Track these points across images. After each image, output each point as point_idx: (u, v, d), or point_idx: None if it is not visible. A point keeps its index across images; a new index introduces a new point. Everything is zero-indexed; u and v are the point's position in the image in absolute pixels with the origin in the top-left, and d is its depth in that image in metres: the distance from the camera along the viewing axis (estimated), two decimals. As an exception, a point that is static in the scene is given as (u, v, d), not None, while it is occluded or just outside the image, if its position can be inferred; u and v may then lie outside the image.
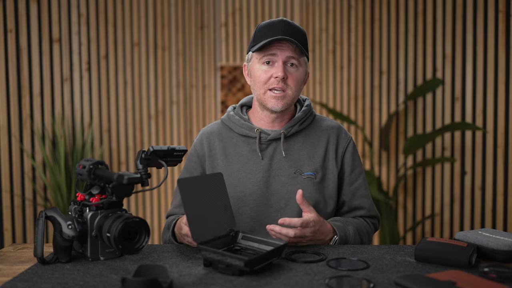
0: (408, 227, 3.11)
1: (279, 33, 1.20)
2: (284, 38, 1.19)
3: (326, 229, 1.15)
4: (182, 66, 3.11)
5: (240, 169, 1.28)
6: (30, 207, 3.00)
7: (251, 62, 1.28)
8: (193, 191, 0.99)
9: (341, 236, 1.17)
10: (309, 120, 1.33)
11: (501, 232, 1.04)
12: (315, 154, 1.29)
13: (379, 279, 0.87)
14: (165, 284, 0.81)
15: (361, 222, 1.28)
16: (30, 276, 0.90)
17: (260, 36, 1.24)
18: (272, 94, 1.23)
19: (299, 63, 1.24)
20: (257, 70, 1.25)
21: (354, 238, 1.20)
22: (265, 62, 1.24)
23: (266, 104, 1.25)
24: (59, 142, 2.90)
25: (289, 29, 1.21)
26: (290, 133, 1.29)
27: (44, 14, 2.98)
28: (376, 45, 3.10)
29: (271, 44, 1.22)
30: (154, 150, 1.00)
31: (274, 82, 1.22)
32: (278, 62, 1.22)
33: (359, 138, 3.15)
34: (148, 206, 3.13)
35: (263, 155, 1.28)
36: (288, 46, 1.22)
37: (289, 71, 1.23)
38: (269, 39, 1.20)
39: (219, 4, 3.10)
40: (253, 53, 1.27)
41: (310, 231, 1.10)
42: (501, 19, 2.91)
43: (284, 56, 1.22)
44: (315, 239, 1.13)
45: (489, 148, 2.97)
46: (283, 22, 1.22)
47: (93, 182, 0.99)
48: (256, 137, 1.28)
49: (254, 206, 1.25)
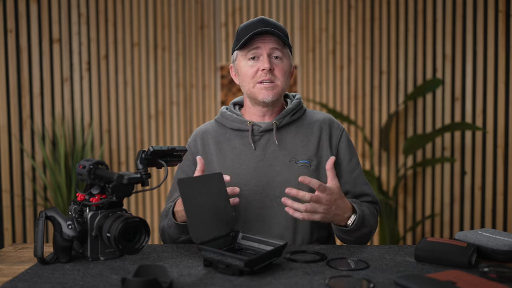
0: (408, 227, 3.11)
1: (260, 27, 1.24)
2: (265, 30, 1.23)
3: (345, 205, 1.13)
4: (182, 66, 3.11)
5: (233, 160, 1.29)
6: (30, 207, 3.00)
7: (237, 61, 1.32)
8: (193, 191, 0.99)
9: (359, 215, 1.14)
10: (300, 113, 1.35)
11: (501, 232, 1.04)
12: (308, 143, 1.30)
13: (379, 279, 0.87)
14: (165, 284, 0.81)
15: (369, 205, 1.28)
16: (30, 276, 0.90)
17: (242, 35, 1.27)
18: (262, 85, 1.26)
19: (283, 54, 1.28)
20: (244, 67, 1.29)
21: (368, 219, 1.18)
22: (251, 58, 1.27)
23: (257, 96, 1.28)
24: (59, 142, 2.90)
25: (268, 24, 1.26)
26: (282, 124, 1.31)
27: (44, 14, 2.98)
28: (376, 45, 3.10)
29: (254, 39, 1.25)
30: (154, 150, 1.00)
31: (261, 74, 1.26)
32: (263, 55, 1.25)
33: (359, 138, 3.15)
34: (148, 206, 3.13)
35: (256, 145, 1.30)
36: (270, 39, 1.25)
37: (274, 62, 1.27)
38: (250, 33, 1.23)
39: (219, 4, 3.10)
40: (238, 51, 1.30)
41: (326, 198, 1.06)
42: (501, 19, 2.91)
43: (268, 48, 1.25)
44: (332, 213, 1.09)
45: (489, 148, 2.97)
46: (262, 20, 1.27)
47: (93, 182, 0.99)
48: (249, 129, 1.30)
49: (249, 196, 1.25)
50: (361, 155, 3.15)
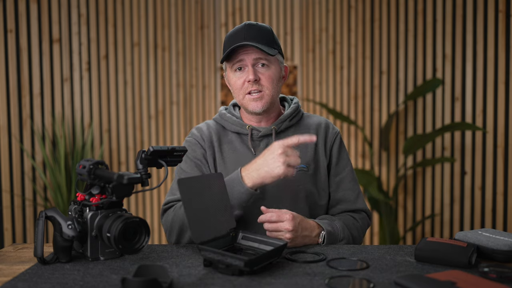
0: (408, 227, 3.11)
1: (241, 39, 1.24)
2: (244, 44, 1.22)
3: (309, 225, 1.14)
4: (182, 66, 3.11)
5: (234, 164, 1.29)
6: (30, 207, 3.00)
7: (226, 72, 1.33)
8: (193, 191, 0.99)
9: (328, 230, 1.16)
10: (297, 117, 1.37)
11: (501, 232, 1.04)
12: (306, 148, 1.31)
13: (379, 279, 0.87)
14: (165, 284, 0.81)
15: (347, 217, 1.28)
16: (30, 276, 0.90)
17: (226, 47, 1.27)
18: (251, 97, 1.27)
19: (269, 61, 1.27)
20: (232, 78, 1.30)
21: (343, 232, 1.20)
22: (237, 69, 1.28)
23: (247, 107, 1.29)
24: (59, 142, 2.90)
25: (251, 32, 1.25)
26: (281, 129, 1.33)
27: (44, 14, 2.98)
28: (376, 45, 3.10)
29: (237, 51, 1.25)
30: (154, 150, 1.00)
31: (248, 86, 1.26)
32: (248, 66, 1.26)
33: (359, 138, 3.15)
34: (148, 206, 3.13)
35: (256, 150, 1.30)
36: (253, 49, 1.25)
37: (260, 72, 1.26)
38: (231, 47, 1.23)
39: (219, 4, 3.10)
40: (225, 62, 1.31)
41: (288, 223, 1.08)
42: (501, 19, 2.91)
43: (251, 60, 1.25)
44: (301, 236, 1.11)
45: (489, 148, 2.97)
46: (245, 27, 1.26)
47: (93, 182, 0.99)
48: (248, 133, 1.31)
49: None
50: (361, 155, 3.15)
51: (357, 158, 3.15)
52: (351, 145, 3.15)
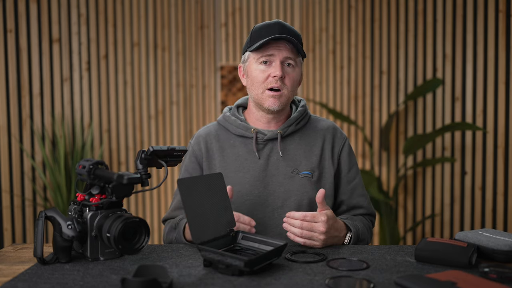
0: (408, 227, 3.11)
1: (276, 33, 1.22)
2: (281, 36, 1.21)
3: (339, 225, 1.15)
4: (182, 66, 3.11)
5: (237, 169, 1.28)
6: (30, 207, 3.00)
7: (248, 63, 1.30)
8: (193, 191, 0.99)
9: (354, 232, 1.17)
10: (304, 120, 1.35)
11: (501, 232, 1.04)
12: (311, 154, 1.30)
13: (379, 279, 0.87)
14: (165, 284, 0.81)
15: (363, 219, 1.30)
16: (30, 276, 0.89)
17: (257, 37, 1.25)
18: (270, 93, 1.24)
19: (295, 63, 1.26)
20: (255, 70, 1.26)
21: (363, 234, 1.21)
22: (263, 62, 1.25)
23: (263, 103, 1.26)
24: (59, 142, 2.90)
25: (285, 30, 1.24)
26: (287, 133, 1.31)
27: (44, 14, 2.98)
28: (376, 45, 3.10)
29: (269, 44, 1.23)
30: (154, 150, 1.00)
31: (272, 81, 1.24)
32: (275, 62, 1.23)
33: (359, 138, 3.15)
34: (148, 206, 3.13)
35: (260, 155, 1.29)
36: (285, 47, 1.23)
37: (286, 71, 1.25)
38: (266, 38, 1.21)
39: (219, 4, 3.10)
40: (250, 53, 1.28)
41: (322, 225, 1.08)
42: (501, 19, 2.91)
43: (281, 56, 1.23)
44: (331, 236, 1.11)
45: (489, 148, 2.97)
46: (279, 24, 1.25)
47: (93, 182, 0.99)
48: (253, 137, 1.29)
49: (251, 206, 1.25)
50: (361, 155, 3.15)
51: (357, 158, 3.15)
52: (351, 145, 3.14)
